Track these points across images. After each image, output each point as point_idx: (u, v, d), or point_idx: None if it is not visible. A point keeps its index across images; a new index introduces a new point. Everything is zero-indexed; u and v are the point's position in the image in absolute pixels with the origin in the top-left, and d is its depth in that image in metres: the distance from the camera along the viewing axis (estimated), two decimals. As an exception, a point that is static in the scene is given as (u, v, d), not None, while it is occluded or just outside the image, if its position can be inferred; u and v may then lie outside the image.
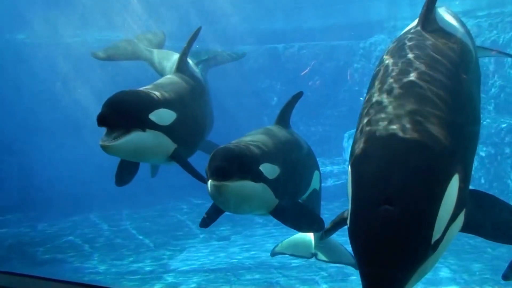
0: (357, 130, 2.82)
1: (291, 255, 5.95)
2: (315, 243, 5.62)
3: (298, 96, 5.27)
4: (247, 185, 4.20)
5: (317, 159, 5.74)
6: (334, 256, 5.64)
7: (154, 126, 4.79)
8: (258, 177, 4.29)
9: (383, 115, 2.67)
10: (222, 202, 4.30)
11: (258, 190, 4.30)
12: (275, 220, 4.75)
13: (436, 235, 2.45)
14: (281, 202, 4.55)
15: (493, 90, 12.08)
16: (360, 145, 2.66)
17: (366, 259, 2.41)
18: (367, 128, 2.69)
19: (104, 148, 4.51)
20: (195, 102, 5.58)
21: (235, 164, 4.12)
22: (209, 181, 4.16)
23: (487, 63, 11.88)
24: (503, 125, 11.64)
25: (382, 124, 2.63)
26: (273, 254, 5.85)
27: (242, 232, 11.46)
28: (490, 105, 12.05)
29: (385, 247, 2.37)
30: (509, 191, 11.05)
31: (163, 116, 4.92)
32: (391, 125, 2.60)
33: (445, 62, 2.94)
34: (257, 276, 8.51)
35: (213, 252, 10.06)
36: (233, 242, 10.85)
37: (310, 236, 5.81)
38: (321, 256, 5.66)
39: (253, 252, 9.99)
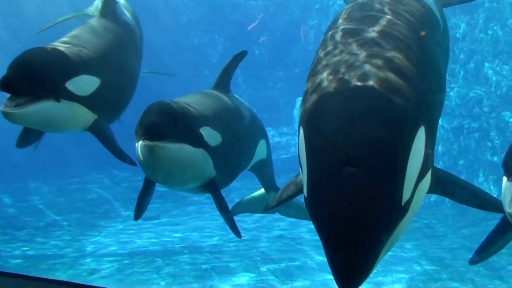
0: (308, 87, 2.82)
1: (251, 212, 6.09)
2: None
3: (241, 56, 5.21)
4: (184, 149, 4.11)
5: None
6: (296, 210, 5.70)
7: (71, 97, 4.58)
8: (198, 141, 4.22)
9: (339, 68, 2.67)
10: (152, 168, 4.19)
11: (196, 156, 4.23)
12: (210, 198, 4.76)
13: (405, 195, 2.47)
14: (219, 175, 4.58)
15: (462, 56, 12.54)
16: (313, 101, 2.64)
17: (331, 233, 2.40)
18: (321, 83, 2.68)
19: (5, 115, 4.29)
20: (124, 60, 5.38)
21: (172, 122, 4.02)
22: (139, 142, 4.03)
23: (456, 25, 12.29)
24: (471, 95, 12.16)
25: (338, 77, 2.63)
26: (233, 213, 6.03)
27: (173, 210, 11.44)
28: (458, 73, 12.52)
29: (353, 215, 2.36)
30: (474, 169, 11.62)
31: (84, 84, 4.72)
32: (348, 78, 2.59)
33: (408, 18, 3.04)
34: (188, 261, 8.55)
35: (138, 233, 10.02)
36: (162, 222, 10.81)
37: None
38: (282, 210, 5.76)
39: (185, 234, 10.02)
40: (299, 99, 15.18)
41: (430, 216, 11.15)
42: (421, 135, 2.57)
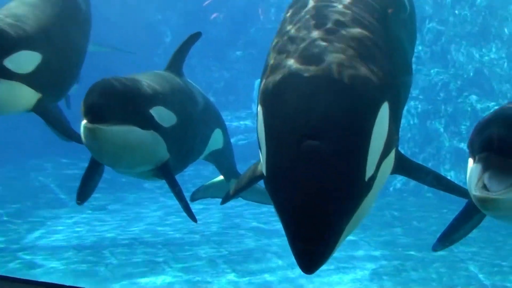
0: (267, 65, 2.88)
1: (213, 197, 6.11)
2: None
3: (195, 37, 5.21)
4: (131, 132, 4.06)
5: (221, 112, 5.81)
6: (259, 194, 5.76)
7: (10, 75, 4.51)
8: (148, 122, 4.17)
9: (300, 46, 2.74)
10: (96, 151, 4.16)
11: (145, 139, 4.18)
12: (165, 185, 4.73)
13: (369, 171, 2.55)
14: (173, 159, 4.54)
15: (428, 37, 12.70)
16: (272, 79, 2.70)
17: (291, 211, 2.44)
18: (281, 61, 2.74)
19: None
20: (68, 34, 5.28)
21: (117, 102, 3.95)
22: (83, 122, 3.98)
23: (423, 5, 12.42)
24: (439, 78, 12.34)
25: (299, 54, 2.69)
26: (193, 199, 6.01)
27: (123, 199, 11.39)
28: (425, 55, 12.69)
29: (314, 190, 2.41)
30: (441, 156, 11.83)
31: (24, 60, 4.64)
32: (310, 55, 2.66)
33: None
34: (139, 254, 8.50)
35: (85, 225, 9.94)
36: (111, 212, 10.75)
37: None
38: (244, 195, 5.81)
39: (136, 225, 9.99)
40: (259, 81, 15.10)
41: (392, 208, 11.31)
42: (384, 110, 2.66)
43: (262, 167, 2.68)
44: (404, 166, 3.16)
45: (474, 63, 12.07)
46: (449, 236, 3.75)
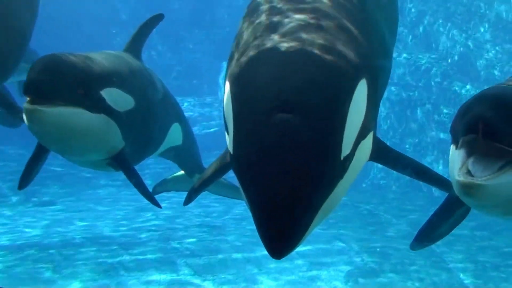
0: (236, 43, 2.94)
1: (177, 191, 6.11)
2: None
3: (156, 19, 5.20)
4: (78, 115, 3.93)
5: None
6: (224, 188, 5.76)
7: None
8: (98, 105, 4.06)
9: (272, 22, 2.81)
10: (40, 137, 4.07)
11: (96, 123, 4.07)
12: (121, 177, 4.68)
13: (345, 149, 2.59)
14: (129, 147, 4.49)
15: (410, 16, 12.76)
16: (242, 55, 2.74)
17: (260, 190, 2.46)
18: (253, 37, 2.80)
19: None
20: (8, 9, 5.11)
21: (61, 80, 3.81)
22: (24, 103, 3.84)
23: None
24: (421, 62, 12.41)
25: (272, 29, 2.77)
26: (155, 192, 5.97)
27: (73, 194, 11.33)
28: (406, 37, 12.75)
29: (285, 166, 2.43)
30: (422, 147, 11.92)
31: None
32: (284, 30, 2.74)
33: None
34: (92, 255, 8.44)
35: (31, 222, 9.82)
36: (60, 208, 10.67)
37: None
38: (210, 188, 5.75)
39: (88, 222, 9.93)
40: (225, 64, 15.03)
41: (372, 202, 11.39)
42: (362, 88, 2.72)
43: (229, 148, 2.69)
44: (382, 153, 3.21)
45: (459, 46, 12.17)
46: (429, 234, 3.72)
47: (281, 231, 2.45)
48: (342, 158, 2.58)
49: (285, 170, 2.43)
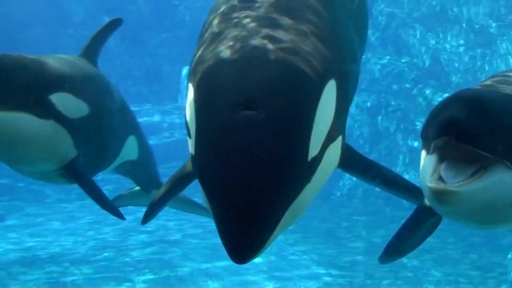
0: (199, 46, 2.98)
1: (136, 206, 6.07)
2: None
3: (114, 24, 5.22)
4: (23, 120, 3.89)
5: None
6: (183, 202, 5.71)
7: None
8: (46, 110, 4.02)
9: (237, 23, 2.87)
10: None
11: (43, 130, 4.03)
12: (75, 190, 4.61)
13: (312, 150, 2.63)
14: (83, 157, 4.45)
15: (380, 19, 12.85)
16: (206, 57, 2.81)
17: (222, 191, 2.48)
18: (217, 38, 2.85)
19: None
20: None
21: (5, 83, 3.79)
22: None
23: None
24: (391, 68, 12.51)
25: (237, 30, 2.82)
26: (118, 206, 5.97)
27: (24, 209, 11.19)
28: (376, 39, 12.82)
29: (248, 165, 2.46)
30: (393, 156, 12.00)
31: None
32: (248, 30, 2.80)
33: None
34: (42, 274, 8.35)
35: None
36: (9, 224, 10.58)
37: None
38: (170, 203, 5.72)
39: (39, 239, 9.82)
40: (187, 69, 14.98)
41: (341, 213, 11.42)
42: (331, 88, 2.81)
43: (191, 151, 2.73)
44: (352, 160, 3.24)
45: (430, 51, 12.29)
46: (398, 247, 3.70)
47: (244, 234, 2.46)
48: (309, 159, 2.61)
49: (249, 170, 2.46)
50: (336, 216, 11.26)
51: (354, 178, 12.00)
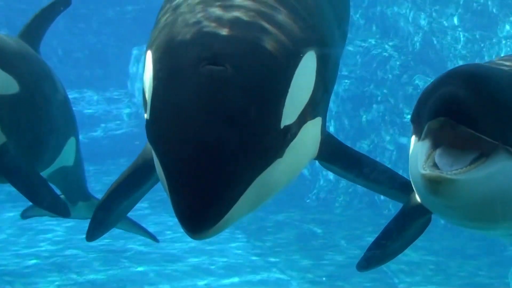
0: (161, 10, 3.11)
1: (51, 216, 6.08)
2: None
3: (62, 4, 5.35)
4: None
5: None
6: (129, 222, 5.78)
7: None
8: None
9: None
10: None
11: None
12: (4, 188, 4.55)
13: (287, 118, 2.75)
14: (13, 148, 4.42)
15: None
16: (168, 21, 2.94)
17: (178, 153, 2.57)
18: (181, 3, 2.97)
19: None
20: None
21: None
22: None
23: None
24: (376, 51, 12.50)
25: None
26: (23, 217, 6.26)
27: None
28: (359, 19, 12.80)
29: (211, 125, 2.55)
30: (378, 154, 12.01)
31: None
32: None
33: None
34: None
35: None
36: None
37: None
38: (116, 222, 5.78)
39: None
40: (138, 48, 14.93)
41: (317, 220, 11.43)
42: (311, 59, 2.97)
43: (146, 115, 2.80)
44: (333, 149, 3.35)
45: (421, 32, 12.34)
46: (379, 252, 3.74)
47: (199, 199, 2.53)
48: (282, 126, 2.72)
49: (210, 127, 2.55)
50: (311, 222, 11.27)
51: (332, 180, 12.06)
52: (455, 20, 12.14)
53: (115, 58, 15.57)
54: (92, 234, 4.14)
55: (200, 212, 2.54)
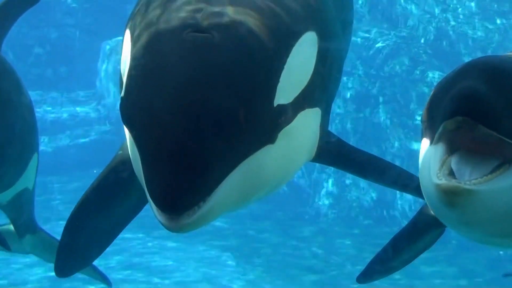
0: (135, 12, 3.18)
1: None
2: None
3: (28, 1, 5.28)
4: None
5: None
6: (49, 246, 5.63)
7: None
8: None
9: None
10: None
11: None
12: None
13: (280, 96, 2.85)
14: None
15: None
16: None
17: (156, 124, 2.65)
18: None
19: None
20: None
21: None
22: None
23: None
24: (384, 44, 12.52)
25: None
26: None
27: None
28: (363, 6, 12.84)
29: (193, 89, 2.65)
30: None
31: None
32: None
33: None
34: None
35: None
36: None
37: None
38: (39, 253, 5.86)
39: None
40: (109, 43, 14.90)
41: (317, 239, 11.42)
42: (311, 39, 3.11)
43: (122, 93, 2.90)
44: (336, 149, 3.46)
45: (434, 21, 12.38)
46: (385, 263, 3.85)
47: (179, 175, 2.59)
48: (275, 103, 2.82)
49: (190, 94, 2.64)
50: (310, 242, 11.27)
51: (333, 192, 12.05)
52: (473, 6, 12.19)
53: (81, 54, 15.58)
54: (62, 267, 3.95)
55: (179, 189, 2.59)
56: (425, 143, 2.92)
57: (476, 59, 2.79)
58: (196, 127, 2.61)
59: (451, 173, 2.71)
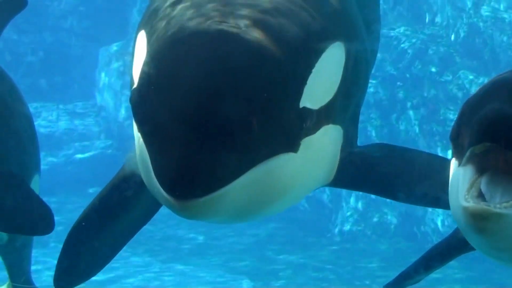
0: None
1: None
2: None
3: (17, 6, 5.48)
4: None
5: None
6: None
7: None
8: None
9: None
10: None
11: None
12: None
13: (306, 100, 2.99)
14: None
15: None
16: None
17: (170, 107, 2.78)
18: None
19: None
20: None
21: None
22: None
23: None
24: (410, 42, 12.48)
25: None
26: None
27: None
28: (387, 3, 12.75)
29: (216, 80, 2.77)
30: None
31: None
32: None
33: None
34: None
35: None
36: None
37: None
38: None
39: None
40: (107, 49, 14.99)
41: (340, 262, 11.42)
42: (338, 50, 3.29)
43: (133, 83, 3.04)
44: (359, 162, 3.58)
45: (465, 18, 12.34)
46: (413, 278, 3.94)
47: (192, 161, 2.70)
48: (301, 105, 2.96)
49: (210, 85, 2.75)
50: (333, 264, 11.32)
51: (358, 208, 12.05)
52: (506, 1, 12.16)
53: (78, 62, 15.64)
54: (62, 278, 3.99)
55: (191, 174, 2.71)
56: (454, 164, 2.96)
57: (506, 75, 2.86)
58: (215, 119, 2.74)
59: (481, 196, 2.74)
